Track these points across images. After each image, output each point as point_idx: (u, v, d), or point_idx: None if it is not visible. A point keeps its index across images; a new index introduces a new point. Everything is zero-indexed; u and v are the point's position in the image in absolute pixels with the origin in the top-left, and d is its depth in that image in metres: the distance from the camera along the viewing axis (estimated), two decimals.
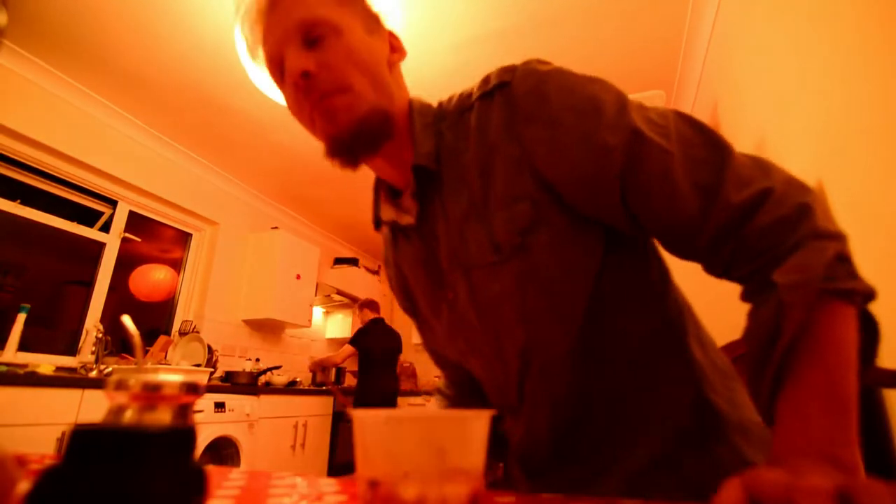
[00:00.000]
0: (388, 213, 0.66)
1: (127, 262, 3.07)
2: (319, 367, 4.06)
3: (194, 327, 3.21)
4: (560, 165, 0.51)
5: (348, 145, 0.55)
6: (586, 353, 0.54)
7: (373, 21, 0.60)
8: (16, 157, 2.51)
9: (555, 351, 0.54)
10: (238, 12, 0.59)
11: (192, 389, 0.32)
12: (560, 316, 0.53)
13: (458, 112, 0.61)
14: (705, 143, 0.48)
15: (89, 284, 2.82)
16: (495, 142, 0.55)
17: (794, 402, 0.39)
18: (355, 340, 3.52)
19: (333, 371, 4.40)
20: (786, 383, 0.40)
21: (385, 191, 0.67)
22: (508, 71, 0.56)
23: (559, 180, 0.51)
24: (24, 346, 2.27)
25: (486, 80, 0.59)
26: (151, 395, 0.30)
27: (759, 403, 0.43)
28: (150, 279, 3.15)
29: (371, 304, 3.77)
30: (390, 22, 0.64)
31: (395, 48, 0.63)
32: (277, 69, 0.57)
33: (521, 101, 0.53)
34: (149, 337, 3.00)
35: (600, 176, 0.49)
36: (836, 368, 0.38)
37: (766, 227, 0.43)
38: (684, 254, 0.50)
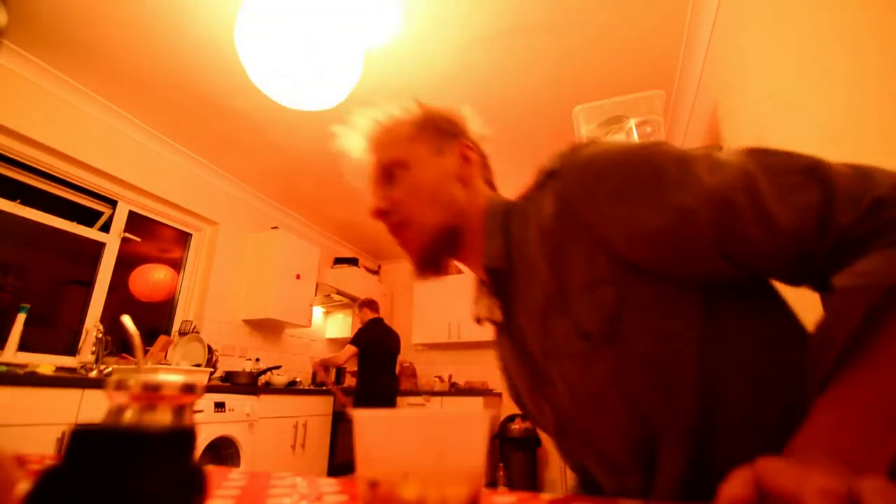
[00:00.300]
0: (482, 310, 0.68)
1: (127, 262, 3.06)
2: (322, 367, 4.07)
3: (194, 327, 3.21)
4: (638, 239, 0.49)
5: (422, 266, 0.65)
6: (710, 424, 0.48)
7: (445, 139, 0.67)
8: (16, 157, 2.50)
9: (674, 434, 0.49)
10: (349, 163, 0.71)
11: (192, 389, 0.32)
12: (671, 395, 0.49)
13: (523, 205, 0.61)
14: (795, 168, 0.45)
15: (89, 284, 2.82)
16: (555, 230, 0.54)
17: (833, 402, 0.37)
18: (357, 340, 3.52)
19: (333, 371, 4.40)
20: (832, 384, 0.38)
21: (484, 287, 0.69)
22: (557, 157, 0.57)
23: (641, 254, 0.49)
24: (24, 346, 2.26)
25: (540, 169, 0.60)
26: (151, 395, 0.30)
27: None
28: (150, 279, 3.15)
29: (371, 304, 3.76)
30: (472, 125, 0.70)
31: (469, 159, 0.67)
32: None
33: (574, 185, 0.53)
34: (149, 337, 3.00)
35: (687, 237, 0.46)
36: (890, 381, 0.36)
37: (866, 233, 0.40)
38: (795, 282, 0.47)
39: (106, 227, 2.96)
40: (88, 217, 2.90)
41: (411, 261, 0.66)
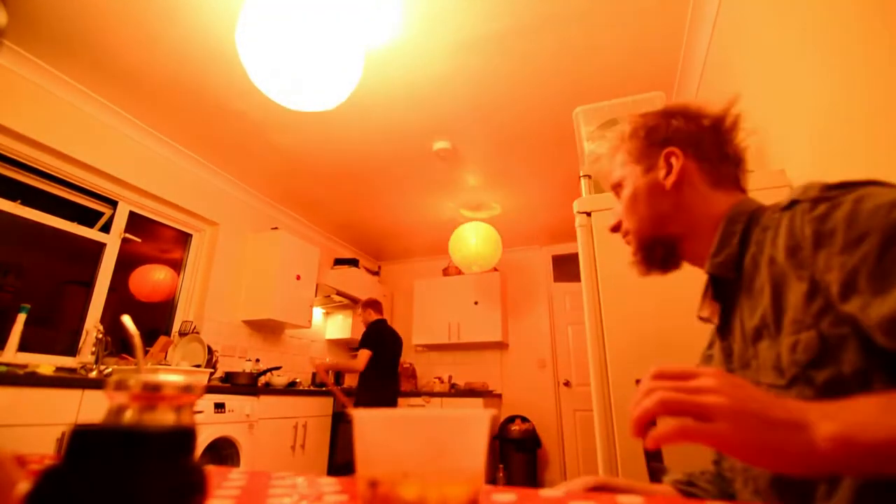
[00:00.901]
0: (705, 311, 0.69)
1: (127, 263, 3.07)
2: (330, 371, 4.05)
3: (194, 328, 3.21)
4: (866, 299, 0.45)
5: (642, 270, 0.72)
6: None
7: (654, 151, 0.69)
8: (16, 157, 2.51)
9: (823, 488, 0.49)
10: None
11: (191, 390, 0.32)
12: None
13: (767, 222, 0.60)
14: None
15: (89, 284, 2.82)
16: (783, 261, 0.54)
17: (870, 396, 0.40)
18: (370, 343, 3.42)
19: (333, 372, 4.40)
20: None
21: (708, 287, 0.70)
22: (804, 188, 0.55)
23: (862, 315, 0.46)
24: (24, 346, 2.26)
25: (792, 191, 0.59)
26: (151, 395, 0.30)
27: None
28: (151, 279, 3.15)
29: (375, 305, 3.70)
30: (689, 123, 0.70)
31: (672, 167, 0.68)
32: None
33: (808, 224, 0.51)
34: (149, 337, 3.00)
35: None
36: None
37: None
38: None
39: (106, 228, 2.96)
40: (89, 217, 2.90)
41: (634, 264, 0.73)
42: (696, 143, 0.68)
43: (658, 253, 0.69)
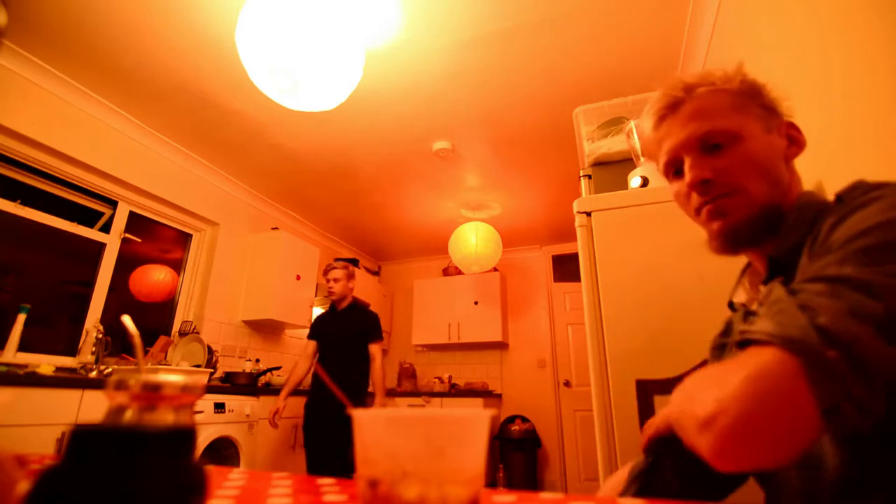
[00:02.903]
0: (740, 296, 0.67)
1: (127, 263, 3.07)
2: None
3: (194, 328, 3.21)
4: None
5: (733, 239, 0.62)
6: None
7: (771, 116, 0.64)
8: (16, 157, 2.51)
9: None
10: (644, 113, 0.69)
11: (192, 390, 0.32)
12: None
13: (826, 216, 0.57)
14: None
15: (89, 284, 2.82)
16: (804, 260, 0.52)
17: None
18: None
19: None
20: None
21: (751, 275, 0.68)
22: (851, 186, 0.54)
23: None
24: (24, 346, 2.26)
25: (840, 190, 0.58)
26: (151, 395, 0.30)
27: None
28: (150, 279, 3.15)
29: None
30: (788, 107, 0.65)
31: (794, 140, 0.64)
32: (672, 168, 0.67)
33: (835, 226, 0.50)
34: (149, 337, 3.00)
35: None
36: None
37: None
38: None
39: (106, 228, 2.96)
40: (89, 217, 2.90)
41: (721, 229, 0.62)
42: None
43: (765, 224, 0.61)
